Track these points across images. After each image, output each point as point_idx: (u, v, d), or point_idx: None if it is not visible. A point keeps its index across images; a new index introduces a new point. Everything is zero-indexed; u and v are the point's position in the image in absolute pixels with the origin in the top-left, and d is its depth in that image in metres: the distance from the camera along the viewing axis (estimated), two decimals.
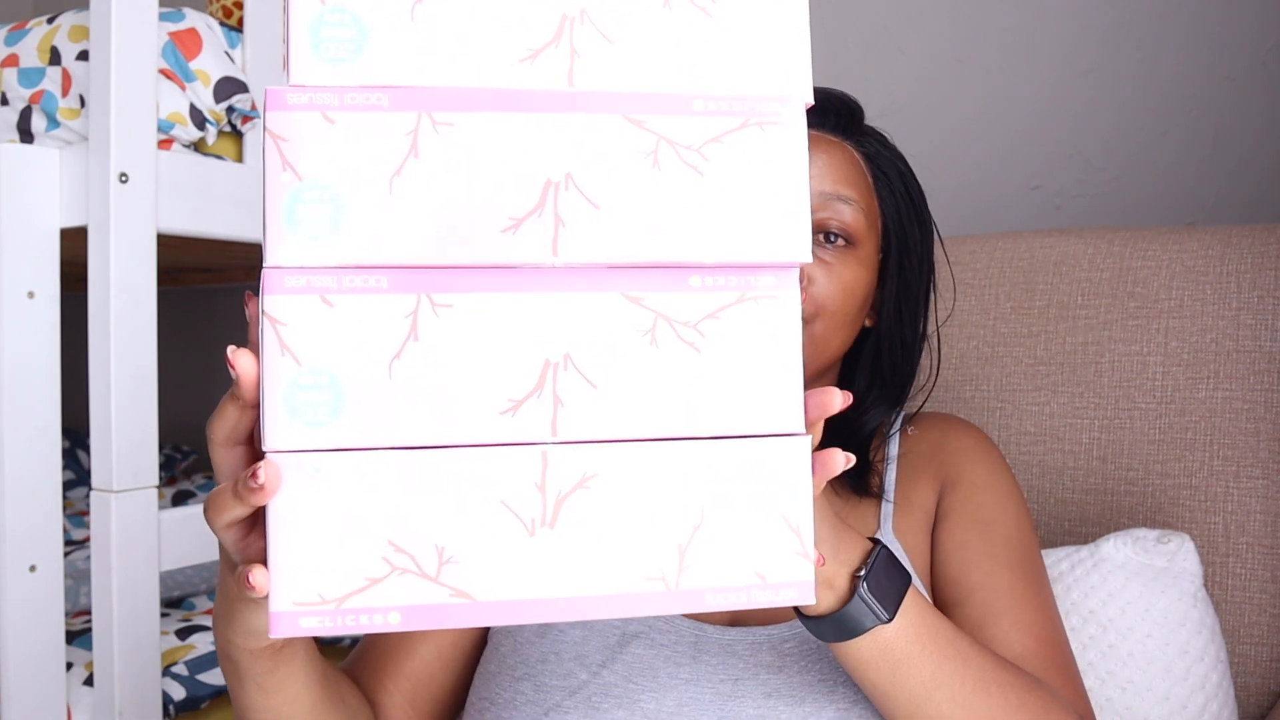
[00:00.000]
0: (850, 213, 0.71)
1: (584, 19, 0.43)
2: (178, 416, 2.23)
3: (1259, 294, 0.87)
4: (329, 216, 0.40)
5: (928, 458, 0.75)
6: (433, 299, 0.41)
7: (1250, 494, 0.85)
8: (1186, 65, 1.19)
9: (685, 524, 0.42)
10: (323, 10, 0.41)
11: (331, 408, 0.40)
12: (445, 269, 0.41)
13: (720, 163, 0.43)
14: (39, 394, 0.97)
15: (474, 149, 0.41)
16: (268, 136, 0.41)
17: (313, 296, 0.40)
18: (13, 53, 1.03)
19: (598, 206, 0.42)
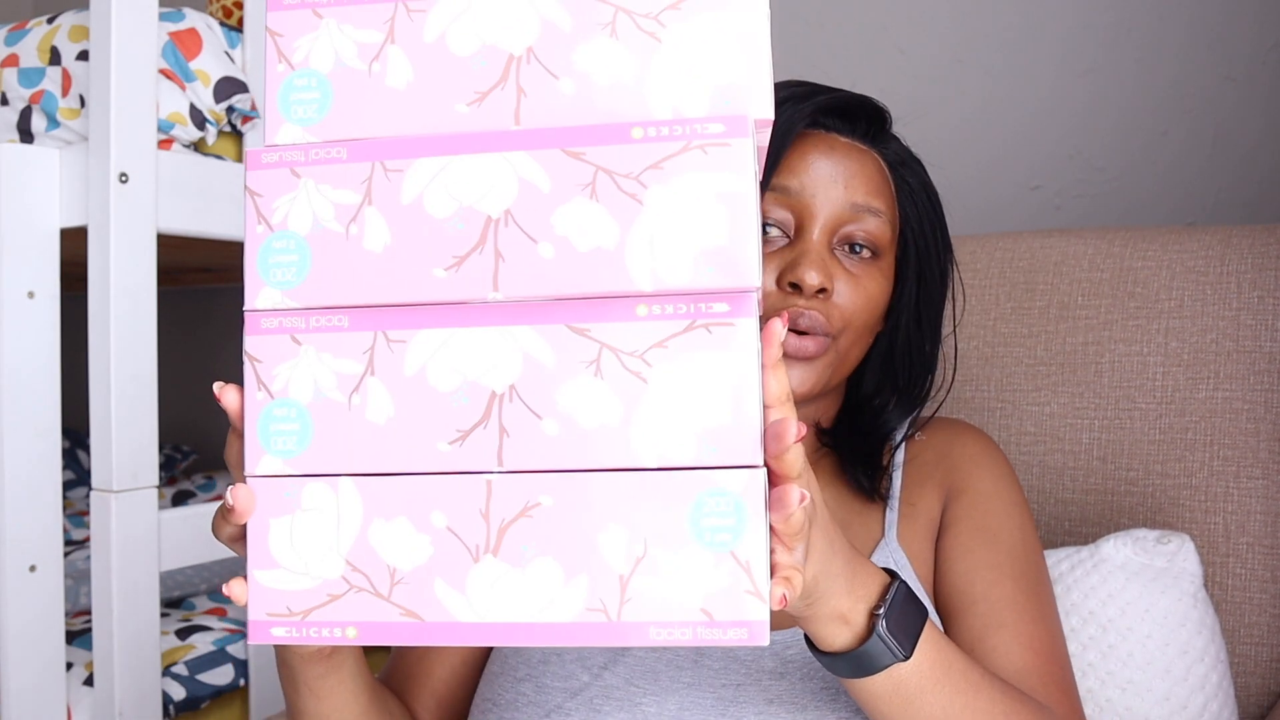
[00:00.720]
0: (877, 225, 0.71)
1: (530, 58, 0.44)
2: (178, 416, 2.23)
3: (1259, 294, 0.87)
4: (296, 263, 0.44)
5: (933, 464, 0.74)
6: (388, 335, 0.44)
7: (1250, 494, 0.85)
8: (1186, 65, 1.19)
9: (628, 556, 0.42)
10: (292, 75, 0.45)
11: (299, 438, 0.44)
12: (400, 307, 0.44)
13: (660, 189, 0.42)
14: (39, 394, 0.97)
15: (421, 191, 0.44)
16: (246, 193, 0.45)
17: (284, 336, 0.44)
18: (13, 53, 1.03)
19: (535, 241, 0.43)
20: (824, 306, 0.69)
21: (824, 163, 0.72)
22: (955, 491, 0.72)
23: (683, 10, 0.44)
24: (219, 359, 2.29)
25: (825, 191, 0.71)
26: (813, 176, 0.71)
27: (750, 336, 0.42)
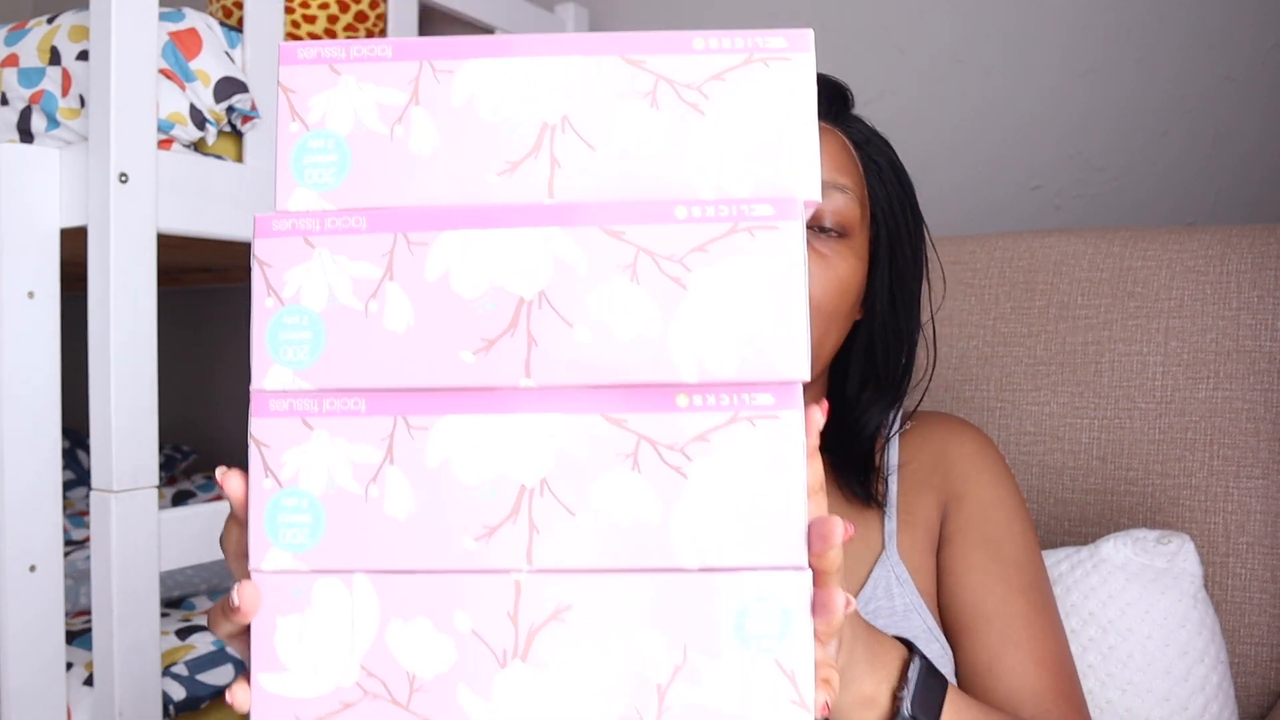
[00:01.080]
0: (845, 202, 0.68)
1: (565, 126, 0.42)
2: (178, 416, 2.23)
3: (1259, 294, 0.87)
4: (309, 341, 0.41)
5: (930, 468, 0.73)
6: (409, 421, 0.41)
7: (1250, 494, 0.85)
8: (1186, 65, 1.19)
9: (665, 663, 0.39)
10: (306, 136, 0.42)
11: (311, 530, 0.41)
12: (422, 391, 0.41)
13: (705, 273, 0.40)
14: (39, 394, 0.97)
15: (448, 268, 0.41)
16: (254, 262, 0.42)
17: (294, 419, 0.41)
18: (13, 53, 1.03)
19: (571, 325, 0.40)
20: None
21: None
22: (955, 499, 0.71)
23: (727, 81, 0.42)
24: (219, 359, 2.29)
25: None
26: None
27: (796, 431, 0.39)
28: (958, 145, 1.34)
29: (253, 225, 0.42)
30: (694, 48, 0.42)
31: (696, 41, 0.42)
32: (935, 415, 0.78)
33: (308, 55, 0.43)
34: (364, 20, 1.28)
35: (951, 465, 0.72)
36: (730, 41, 0.42)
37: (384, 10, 1.29)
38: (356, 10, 1.26)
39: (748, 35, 0.42)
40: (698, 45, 0.42)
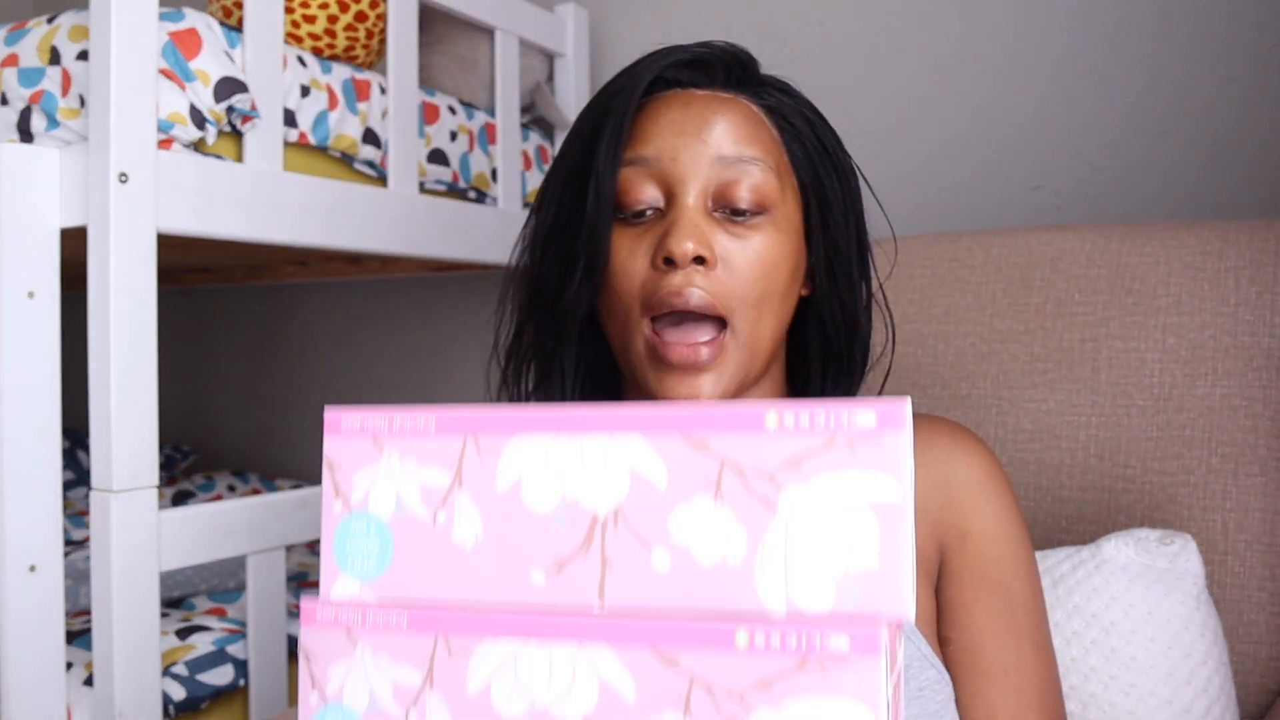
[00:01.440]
0: (759, 175, 0.63)
1: (618, 521, 0.38)
2: (178, 416, 2.24)
3: (1257, 290, 0.87)
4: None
5: (928, 492, 0.68)
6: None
7: (1249, 492, 0.84)
8: (1188, 65, 1.19)
9: None
10: (349, 518, 0.42)
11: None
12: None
13: (769, 715, 0.35)
14: (39, 394, 0.97)
15: (488, 682, 0.39)
16: (300, 654, 0.42)
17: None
18: (13, 53, 1.03)
19: None
20: (707, 280, 0.62)
21: (680, 119, 0.64)
22: (960, 533, 0.67)
23: (804, 469, 0.37)
24: (219, 359, 2.29)
25: (687, 150, 0.63)
26: (669, 136, 0.63)
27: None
28: (958, 145, 1.34)
29: (299, 613, 0.42)
30: (767, 427, 0.37)
31: (770, 419, 0.37)
32: (933, 426, 0.73)
33: (351, 426, 0.42)
34: (364, 20, 1.28)
35: (954, 493, 0.68)
36: (810, 419, 0.37)
37: (384, 10, 1.30)
38: (356, 10, 1.26)
39: (831, 409, 0.37)
40: (771, 424, 0.37)
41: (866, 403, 0.36)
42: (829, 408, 0.36)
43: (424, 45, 1.49)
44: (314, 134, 1.20)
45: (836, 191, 0.68)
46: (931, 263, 1.02)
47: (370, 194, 1.25)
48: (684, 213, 0.62)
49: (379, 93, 1.29)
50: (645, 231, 0.64)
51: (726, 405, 0.38)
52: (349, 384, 2.05)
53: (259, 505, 1.12)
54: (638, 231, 0.65)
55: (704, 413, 0.38)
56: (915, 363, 1.00)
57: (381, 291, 1.94)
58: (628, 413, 0.38)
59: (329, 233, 1.19)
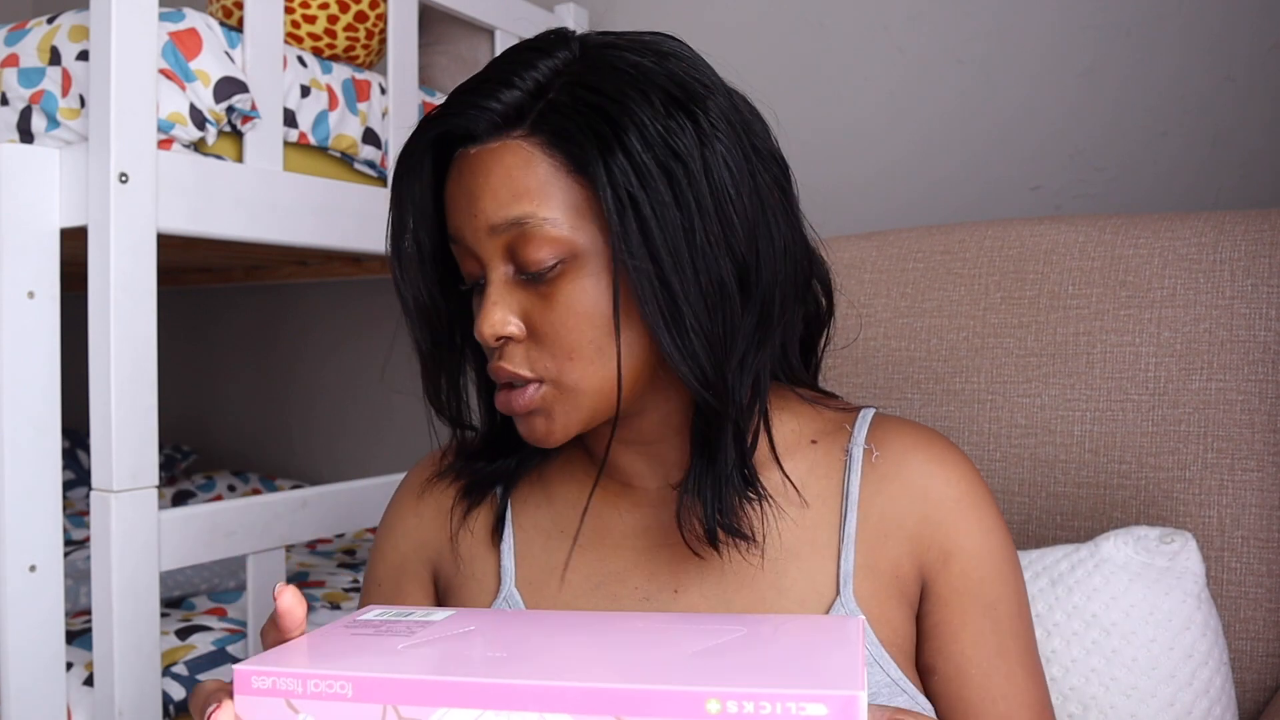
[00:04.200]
0: (535, 231, 0.58)
1: None
2: (178, 416, 2.24)
3: (1253, 282, 0.86)
4: None
5: (904, 510, 0.65)
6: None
7: (1245, 487, 0.84)
8: (1186, 65, 1.19)
9: None
10: None
11: None
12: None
13: None
14: (39, 394, 0.97)
15: None
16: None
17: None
18: (13, 53, 1.04)
19: None
20: (519, 353, 0.61)
21: (455, 193, 0.62)
22: (942, 555, 0.65)
23: None
24: (219, 359, 2.29)
25: (467, 227, 0.61)
26: (454, 214, 0.62)
27: None
28: (957, 145, 1.34)
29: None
30: (708, 712, 0.34)
31: (711, 705, 0.34)
32: (907, 435, 0.68)
33: (262, 685, 0.40)
34: (364, 20, 1.28)
35: (933, 511, 0.65)
36: (755, 707, 0.34)
37: (384, 10, 1.30)
38: (356, 10, 1.26)
39: (779, 698, 0.34)
40: (713, 710, 0.34)
41: (817, 692, 0.34)
42: (776, 697, 0.34)
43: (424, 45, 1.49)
44: (314, 134, 1.20)
45: (634, 177, 0.57)
46: (924, 256, 1.02)
47: (370, 194, 1.25)
48: (486, 291, 0.61)
49: (379, 93, 1.29)
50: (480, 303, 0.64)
51: (666, 688, 0.35)
52: (349, 384, 2.06)
53: (259, 505, 1.12)
54: (478, 301, 0.64)
55: (641, 694, 0.35)
56: (908, 358, 1.00)
57: (381, 291, 1.94)
58: (560, 689, 0.36)
59: (329, 233, 1.20)
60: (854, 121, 1.42)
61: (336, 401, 2.07)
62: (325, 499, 1.20)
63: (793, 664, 0.38)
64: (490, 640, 0.42)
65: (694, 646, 0.40)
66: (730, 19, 1.52)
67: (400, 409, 1.91)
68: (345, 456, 2.05)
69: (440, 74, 1.55)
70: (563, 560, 0.69)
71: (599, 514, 0.70)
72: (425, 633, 0.43)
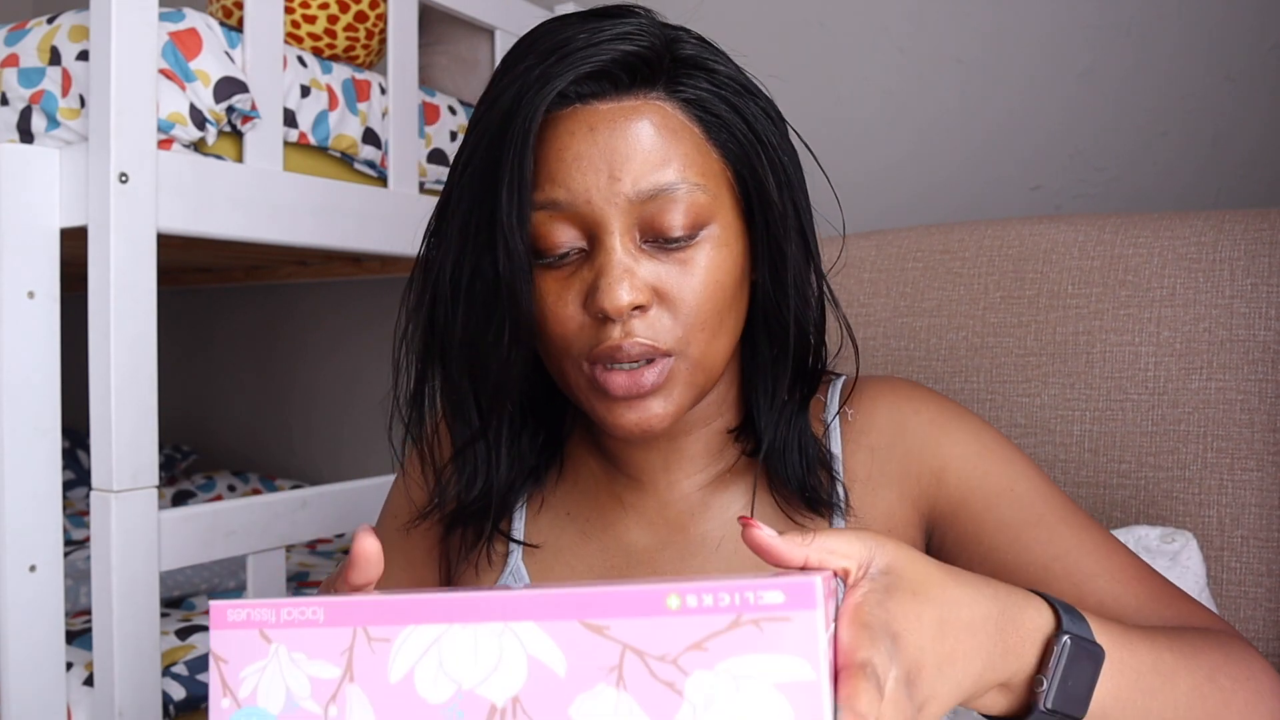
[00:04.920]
0: (684, 196, 0.57)
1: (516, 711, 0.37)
2: (178, 416, 2.24)
3: (1253, 281, 0.86)
4: None
5: (884, 458, 0.65)
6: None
7: (1245, 486, 0.84)
8: (1186, 65, 1.19)
9: None
10: (238, 715, 0.40)
11: None
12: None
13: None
14: (39, 394, 0.97)
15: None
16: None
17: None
18: (13, 53, 1.04)
19: None
20: (648, 324, 0.58)
21: (587, 152, 0.57)
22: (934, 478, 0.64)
23: (709, 651, 0.35)
24: (219, 359, 2.29)
25: (600, 191, 0.57)
26: (579, 176, 0.57)
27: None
28: (957, 146, 1.34)
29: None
30: (668, 608, 0.35)
31: (671, 600, 0.35)
32: (877, 387, 0.69)
33: (237, 618, 0.40)
34: (364, 20, 1.28)
35: (912, 444, 0.65)
36: (713, 599, 0.35)
37: (384, 10, 1.30)
38: (356, 10, 1.26)
39: (735, 589, 0.35)
40: (673, 604, 0.35)
41: (773, 580, 0.34)
42: (733, 587, 0.34)
43: (424, 45, 1.50)
44: (314, 134, 1.20)
45: (770, 176, 0.61)
46: (923, 255, 1.02)
47: (370, 194, 1.25)
48: (611, 259, 0.57)
49: (379, 93, 1.29)
50: (572, 275, 0.59)
51: (624, 587, 0.36)
52: (349, 384, 2.06)
53: (259, 505, 1.12)
54: (564, 274, 0.60)
55: (601, 596, 0.36)
56: (907, 357, 1.00)
57: (381, 291, 1.94)
58: (522, 598, 0.37)
59: (329, 233, 1.20)
60: (854, 121, 1.42)
61: (336, 401, 2.07)
62: (325, 499, 1.20)
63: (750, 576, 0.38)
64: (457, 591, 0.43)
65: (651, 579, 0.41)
66: (730, 19, 1.52)
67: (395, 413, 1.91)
68: (345, 456, 2.05)
69: (440, 74, 1.55)
70: (568, 544, 0.69)
71: (606, 507, 0.70)
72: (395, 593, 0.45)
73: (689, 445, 0.68)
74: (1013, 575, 0.61)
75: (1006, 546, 0.62)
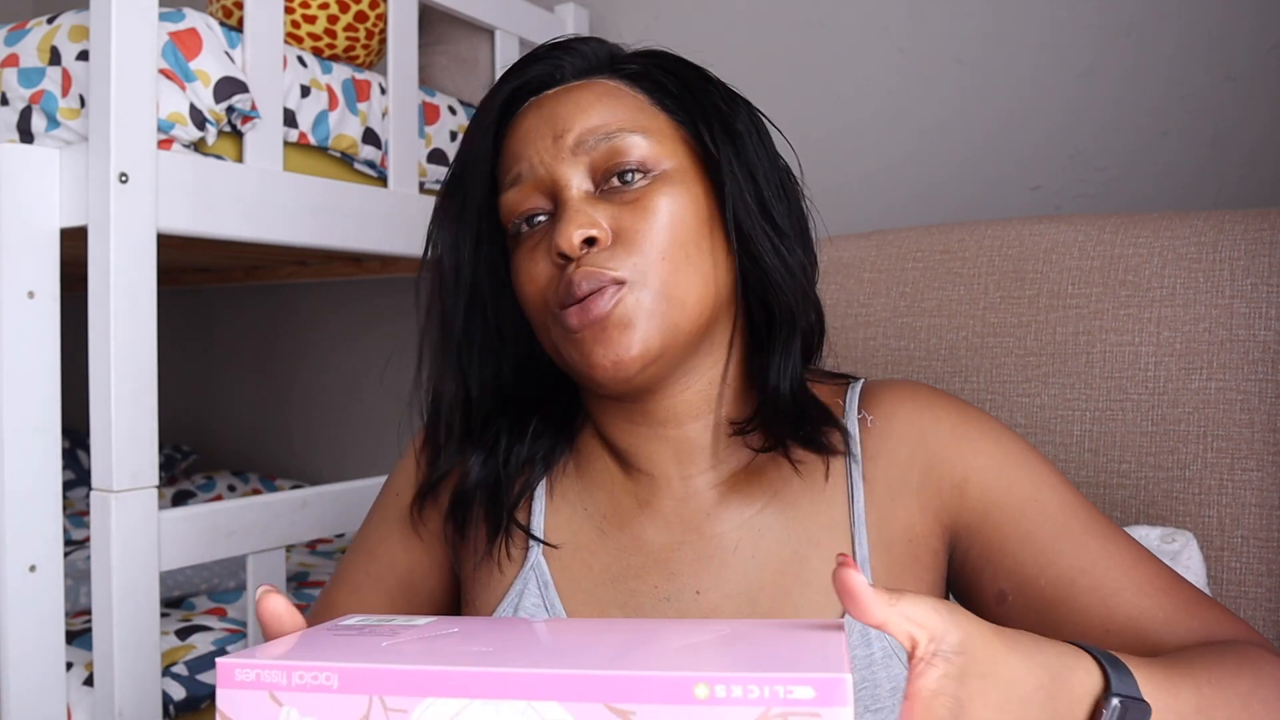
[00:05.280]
0: (626, 138, 0.62)
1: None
2: (178, 416, 2.24)
3: (1253, 281, 0.86)
4: None
5: (905, 466, 0.65)
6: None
7: (1245, 487, 0.84)
8: (1186, 65, 1.19)
9: None
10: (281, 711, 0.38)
11: None
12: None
13: None
14: (39, 394, 0.97)
15: None
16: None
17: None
18: (13, 53, 1.04)
19: None
20: (601, 257, 0.61)
21: (535, 124, 0.65)
22: (956, 489, 0.64)
23: None
24: (219, 359, 2.29)
25: (549, 151, 0.63)
26: (532, 144, 0.64)
27: None
28: (957, 145, 1.34)
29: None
30: (696, 697, 0.34)
31: (700, 689, 0.34)
32: (891, 391, 0.69)
33: (246, 678, 0.39)
34: (364, 20, 1.28)
35: (933, 454, 0.65)
36: (743, 690, 0.34)
37: (384, 10, 1.30)
38: (356, 10, 1.26)
39: (765, 681, 0.34)
40: (700, 694, 0.34)
41: (805, 675, 0.34)
42: (763, 680, 0.34)
43: (424, 45, 1.50)
44: (314, 134, 1.20)
45: (726, 144, 0.65)
46: (923, 255, 1.02)
47: (370, 194, 1.25)
48: (566, 208, 0.62)
49: (379, 93, 1.29)
50: (542, 238, 0.64)
51: (656, 673, 0.35)
52: (349, 384, 2.06)
53: (259, 505, 1.12)
54: (535, 240, 0.65)
55: (628, 680, 0.35)
56: (907, 357, 1.00)
57: (381, 291, 1.94)
58: (548, 677, 0.36)
59: (329, 233, 1.20)
60: (854, 121, 1.42)
61: (336, 401, 2.08)
62: (325, 499, 1.20)
63: (779, 654, 0.38)
64: (476, 639, 0.42)
65: (679, 643, 0.40)
66: (730, 19, 1.52)
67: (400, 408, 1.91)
68: (345, 456, 2.06)
69: (440, 74, 1.55)
70: (586, 542, 0.69)
71: (622, 504, 0.69)
72: (409, 633, 0.43)
73: (695, 436, 0.68)
74: (1038, 589, 0.61)
75: (1032, 561, 0.62)
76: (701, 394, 0.67)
